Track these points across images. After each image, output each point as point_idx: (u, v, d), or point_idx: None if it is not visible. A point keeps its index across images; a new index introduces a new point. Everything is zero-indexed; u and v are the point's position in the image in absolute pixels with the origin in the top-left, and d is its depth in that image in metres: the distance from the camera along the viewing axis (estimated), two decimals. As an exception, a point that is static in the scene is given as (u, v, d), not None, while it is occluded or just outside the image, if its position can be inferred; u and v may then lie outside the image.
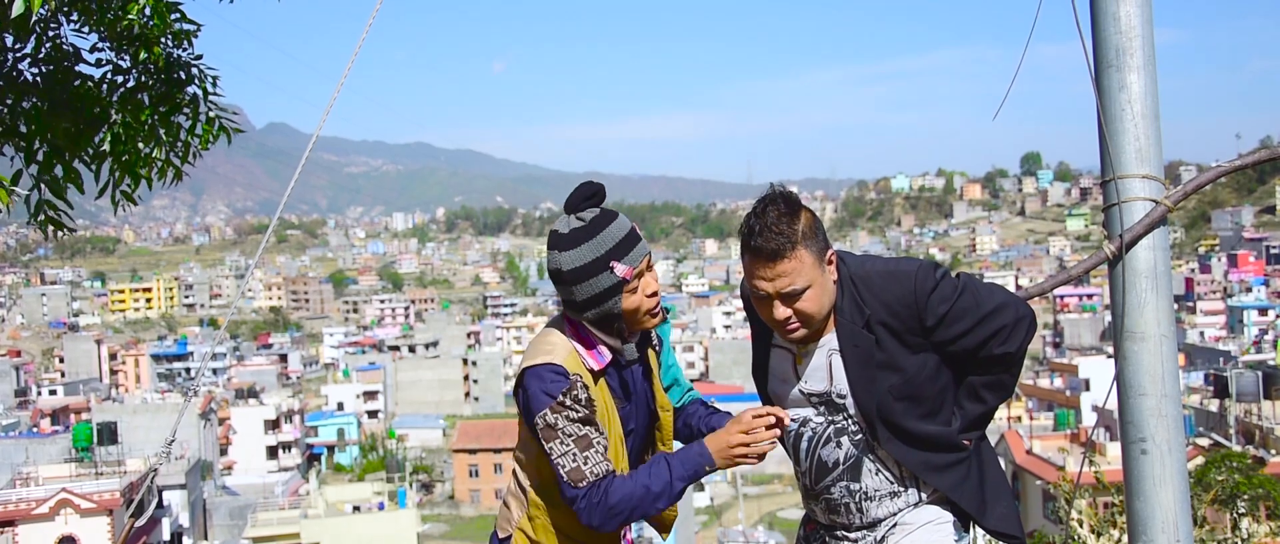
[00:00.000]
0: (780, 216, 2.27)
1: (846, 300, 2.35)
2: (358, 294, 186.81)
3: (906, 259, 2.42)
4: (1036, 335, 2.49)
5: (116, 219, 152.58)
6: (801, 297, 2.29)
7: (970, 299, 2.33)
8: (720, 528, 57.87)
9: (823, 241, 2.31)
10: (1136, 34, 2.37)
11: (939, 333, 2.33)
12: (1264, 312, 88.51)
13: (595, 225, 2.38)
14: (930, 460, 2.38)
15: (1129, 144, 2.38)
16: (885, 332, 2.33)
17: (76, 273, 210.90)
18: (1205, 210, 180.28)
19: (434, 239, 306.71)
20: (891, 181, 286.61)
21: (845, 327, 2.35)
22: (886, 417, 2.35)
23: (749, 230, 2.29)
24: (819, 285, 2.30)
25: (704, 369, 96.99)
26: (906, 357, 2.34)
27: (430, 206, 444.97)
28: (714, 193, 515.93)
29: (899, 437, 2.36)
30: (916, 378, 2.35)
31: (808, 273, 2.28)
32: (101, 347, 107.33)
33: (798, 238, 2.26)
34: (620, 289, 2.37)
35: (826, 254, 2.32)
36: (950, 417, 2.41)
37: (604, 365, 2.45)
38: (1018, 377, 2.42)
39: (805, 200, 2.40)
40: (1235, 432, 34.49)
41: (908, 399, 2.35)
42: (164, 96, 4.54)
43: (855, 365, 2.35)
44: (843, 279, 2.37)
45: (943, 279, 2.34)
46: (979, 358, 2.37)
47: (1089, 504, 8.12)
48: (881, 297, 2.33)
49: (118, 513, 33.01)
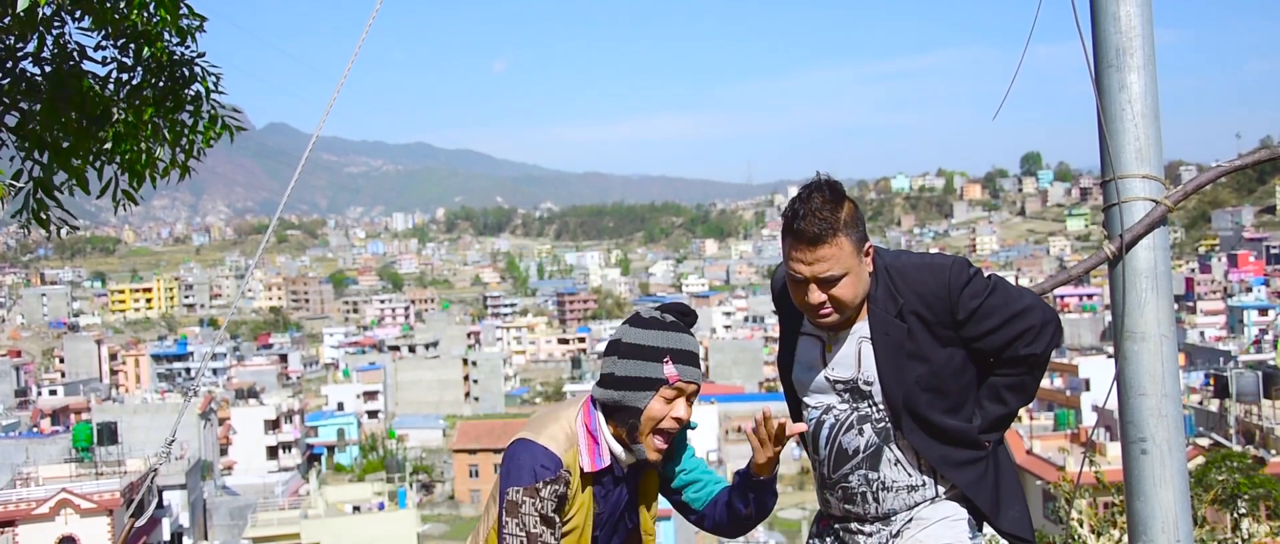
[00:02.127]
0: (825, 203, 2.31)
1: (881, 289, 2.39)
2: (358, 294, 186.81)
3: (941, 254, 2.46)
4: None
5: (117, 219, 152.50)
6: (838, 283, 2.33)
7: (1000, 298, 2.37)
8: (720, 528, 57.82)
9: (862, 232, 2.36)
10: (1136, 34, 2.37)
11: (968, 328, 2.37)
12: (1264, 312, 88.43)
13: (673, 326, 2.44)
14: (949, 455, 2.40)
15: (1129, 144, 2.38)
16: (917, 322, 2.36)
17: (76, 273, 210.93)
18: (1205, 210, 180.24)
19: (434, 239, 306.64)
20: (891, 181, 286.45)
21: (878, 314, 2.39)
22: (912, 406, 2.38)
23: (793, 214, 2.33)
24: (855, 273, 2.34)
25: (704, 369, 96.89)
26: (935, 349, 2.37)
27: (430, 206, 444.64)
28: (714, 193, 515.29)
29: (922, 427, 2.39)
30: (943, 371, 2.38)
31: (846, 260, 2.32)
32: (101, 347, 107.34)
33: (839, 225, 2.30)
34: (657, 387, 2.38)
35: (865, 245, 2.36)
36: (972, 414, 2.43)
37: (599, 469, 2.42)
38: (1040, 380, 2.44)
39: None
40: (1235, 432, 34.49)
41: (933, 391, 2.37)
42: (167, 94, 4.55)
43: (886, 353, 2.38)
44: (878, 270, 2.41)
45: (975, 275, 2.38)
46: (1003, 358, 2.40)
47: (1089, 504, 8.12)
48: (916, 287, 2.37)
49: (118, 513, 33.00)
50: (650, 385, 2.38)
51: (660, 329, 2.42)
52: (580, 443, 2.41)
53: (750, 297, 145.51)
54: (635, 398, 2.38)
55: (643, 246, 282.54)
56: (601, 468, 2.42)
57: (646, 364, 2.38)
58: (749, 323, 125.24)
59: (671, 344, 2.40)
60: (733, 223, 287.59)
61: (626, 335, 2.42)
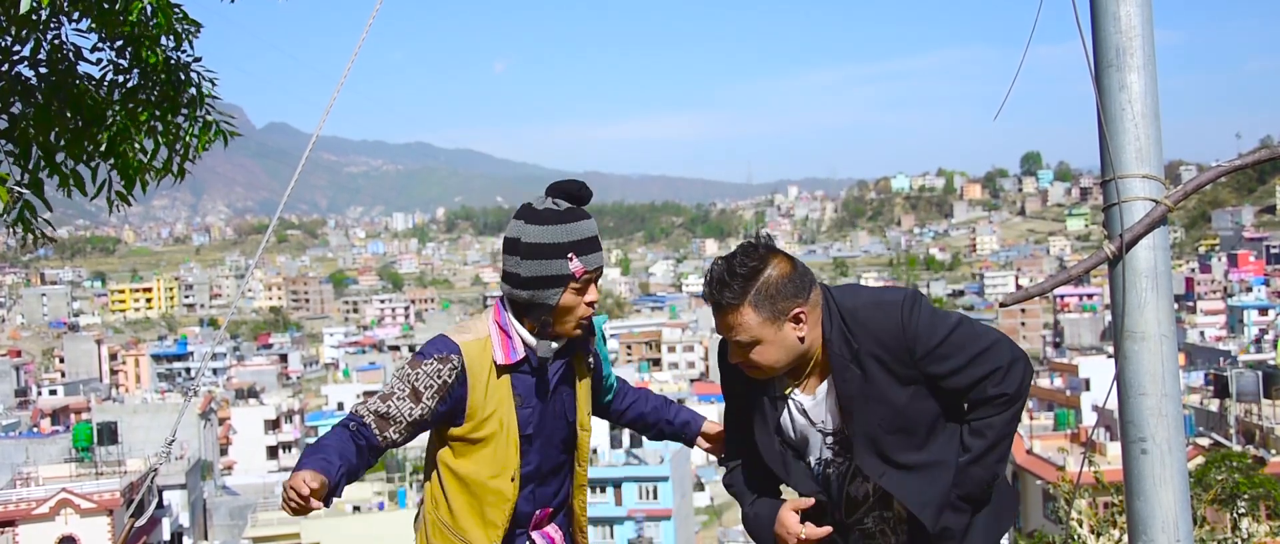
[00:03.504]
0: (732, 274, 2.26)
1: (836, 334, 2.32)
2: (358, 294, 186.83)
3: (891, 288, 2.40)
4: (1032, 374, 2.44)
5: (116, 219, 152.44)
6: (752, 349, 2.29)
7: (962, 336, 2.31)
8: (720, 528, 57.89)
9: (785, 302, 2.26)
10: (1137, 34, 2.37)
11: (930, 366, 2.30)
12: (1264, 311, 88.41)
13: (569, 215, 2.43)
14: (923, 494, 2.34)
15: (1129, 144, 2.38)
16: (875, 364, 2.30)
17: (76, 273, 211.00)
18: (1205, 210, 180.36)
19: (434, 239, 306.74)
20: (891, 181, 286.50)
21: (836, 360, 2.33)
22: (879, 450, 2.33)
23: (708, 273, 2.30)
24: (769, 342, 2.28)
25: (704, 369, 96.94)
26: (896, 389, 2.31)
27: (430, 206, 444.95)
28: (714, 193, 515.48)
29: (894, 469, 2.34)
30: (908, 410, 2.32)
31: (753, 330, 2.27)
32: (101, 347, 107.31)
33: (743, 297, 2.25)
34: (566, 283, 2.41)
35: (790, 312, 2.27)
36: (948, 443, 2.37)
37: (513, 361, 2.47)
38: (1015, 421, 2.36)
39: (805, 201, 2.40)
40: (1235, 431, 34.51)
41: (899, 432, 2.33)
42: (163, 97, 4.55)
43: (845, 398, 2.34)
44: (831, 313, 2.33)
45: (927, 309, 2.31)
46: (972, 399, 2.34)
47: (1089, 504, 8.13)
48: (869, 328, 2.30)
49: (118, 513, 33.02)
50: (558, 282, 2.40)
51: (557, 222, 2.41)
52: (493, 339, 2.46)
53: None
54: (545, 296, 2.42)
55: (643, 246, 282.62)
56: (516, 360, 2.46)
57: (551, 262, 2.39)
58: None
59: (572, 236, 2.40)
60: (733, 223, 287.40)
61: (526, 234, 2.42)
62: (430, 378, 2.40)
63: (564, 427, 2.60)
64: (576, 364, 2.62)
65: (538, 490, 2.59)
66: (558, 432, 2.58)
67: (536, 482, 2.58)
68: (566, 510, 2.72)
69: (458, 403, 2.45)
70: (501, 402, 2.46)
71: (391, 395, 2.41)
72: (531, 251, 2.40)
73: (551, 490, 2.64)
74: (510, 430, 2.47)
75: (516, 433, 2.48)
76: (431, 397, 2.41)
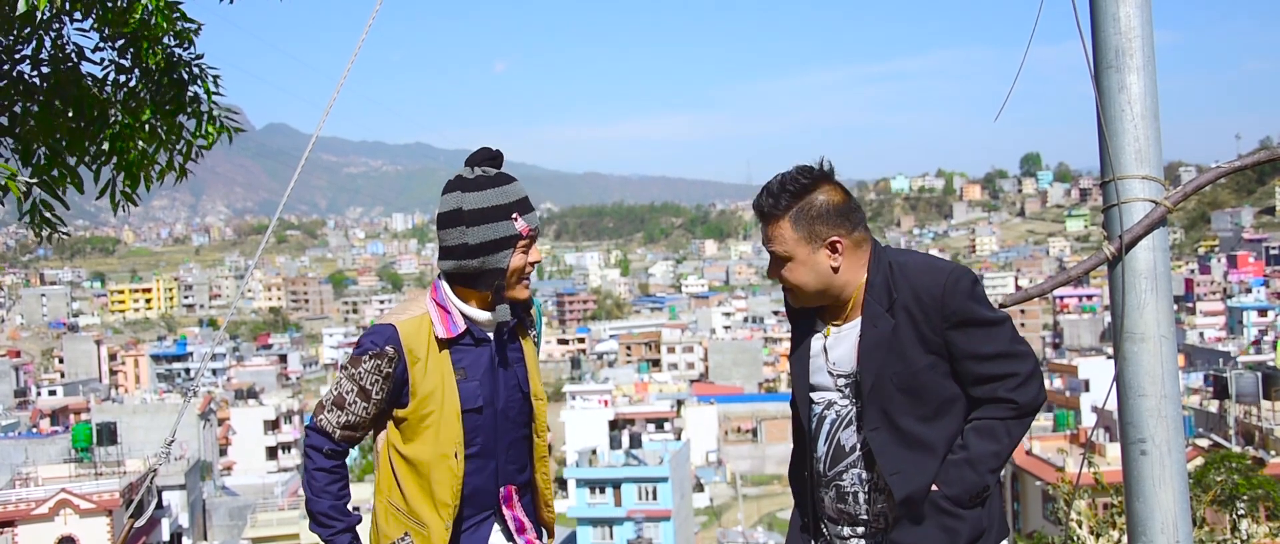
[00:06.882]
0: (786, 185, 2.35)
1: (879, 280, 2.37)
2: (357, 295, 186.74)
3: (951, 261, 2.43)
4: (1042, 377, 2.46)
5: (116, 219, 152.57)
6: (784, 264, 2.38)
7: (1001, 330, 2.33)
8: (720, 528, 57.85)
9: (824, 226, 2.34)
10: (1136, 35, 2.37)
11: (956, 337, 2.31)
12: (1264, 312, 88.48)
13: (502, 178, 2.50)
14: (908, 475, 2.31)
15: (1129, 144, 2.38)
16: (906, 319, 2.33)
17: (76, 273, 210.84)
18: (1205, 211, 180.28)
19: (434, 239, 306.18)
20: (891, 182, 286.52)
21: (871, 305, 2.37)
22: (883, 403, 2.33)
23: (764, 185, 2.39)
24: (800, 261, 2.37)
25: (703, 370, 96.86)
26: (919, 351, 2.33)
27: (430, 207, 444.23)
28: (714, 193, 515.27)
29: (887, 428, 2.34)
30: (922, 375, 2.33)
31: (788, 245, 2.36)
32: (101, 347, 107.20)
33: (785, 212, 2.35)
34: (515, 243, 2.47)
35: (827, 238, 2.34)
36: (949, 429, 2.35)
37: (454, 334, 2.50)
38: (1013, 435, 2.33)
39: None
40: (1235, 432, 34.53)
41: (909, 393, 2.33)
42: (166, 96, 4.55)
43: (869, 344, 2.35)
44: (882, 263, 2.38)
45: (977, 288, 2.33)
46: (982, 395, 2.34)
47: (1088, 505, 8.13)
48: (913, 283, 2.34)
49: (117, 513, 33.00)
50: (508, 244, 2.47)
51: (494, 186, 2.49)
52: (433, 316, 2.50)
53: (750, 297, 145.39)
54: (497, 260, 2.47)
55: (642, 247, 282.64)
56: (456, 333, 2.50)
57: (497, 225, 2.46)
58: (748, 323, 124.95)
59: (511, 198, 2.48)
60: (732, 223, 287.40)
61: (466, 202, 2.47)
62: (373, 374, 2.45)
63: (518, 397, 2.59)
64: (521, 334, 2.64)
65: (502, 467, 2.58)
66: (512, 403, 2.58)
67: (494, 457, 2.56)
68: (533, 490, 2.69)
69: (401, 386, 2.49)
70: (444, 376, 2.48)
71: (345, 402, 2.47)
72: (477, 218, 2.45)
73: (516, 466, 2.61)
74: (452, 405, 2.48)
75: (458, 407, 2.48)
76: (380, 391, 2.47)
